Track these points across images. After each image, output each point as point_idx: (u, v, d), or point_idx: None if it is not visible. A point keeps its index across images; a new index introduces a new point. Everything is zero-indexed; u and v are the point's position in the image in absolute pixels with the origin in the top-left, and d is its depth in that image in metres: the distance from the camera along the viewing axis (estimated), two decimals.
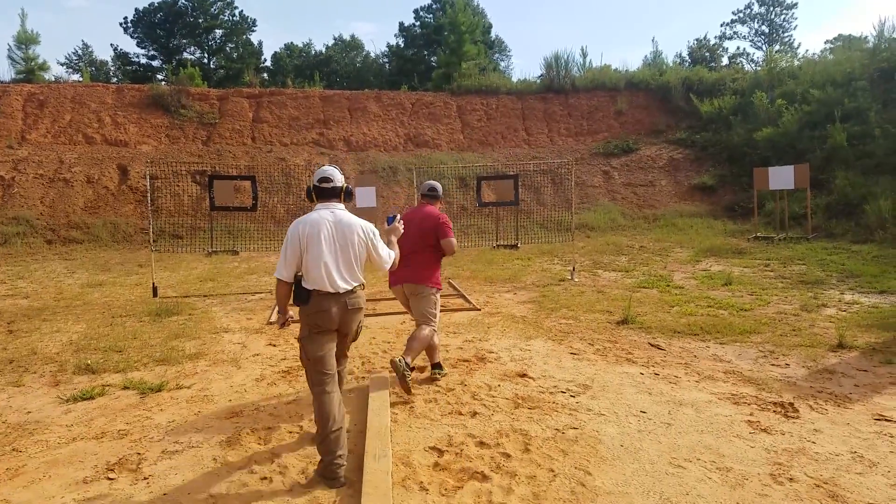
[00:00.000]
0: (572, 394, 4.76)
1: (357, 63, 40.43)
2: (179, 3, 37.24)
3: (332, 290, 3.55)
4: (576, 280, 10.19)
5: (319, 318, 3.58)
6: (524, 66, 71.68)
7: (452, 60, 25.91)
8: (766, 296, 8.44)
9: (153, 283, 9.31)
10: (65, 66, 39.68)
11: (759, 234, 14.85)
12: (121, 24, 38.07)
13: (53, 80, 21.65)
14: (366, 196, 15.28)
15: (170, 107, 21.01)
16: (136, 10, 38.35)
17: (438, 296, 5.14)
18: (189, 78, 24.93)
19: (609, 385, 4.95)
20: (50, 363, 5.81)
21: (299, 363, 4.92)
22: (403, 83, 26.89)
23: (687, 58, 34.08)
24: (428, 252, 5.03)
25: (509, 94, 24.38)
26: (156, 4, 37.18)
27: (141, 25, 37.34)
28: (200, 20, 37.43)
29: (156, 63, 37.68)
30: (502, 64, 38.23)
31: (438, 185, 5.38)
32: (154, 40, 37.79)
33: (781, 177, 14.06)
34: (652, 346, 6.32)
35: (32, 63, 21.53)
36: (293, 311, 3.75)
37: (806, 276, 9.73)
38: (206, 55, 38.78)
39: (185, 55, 37.50)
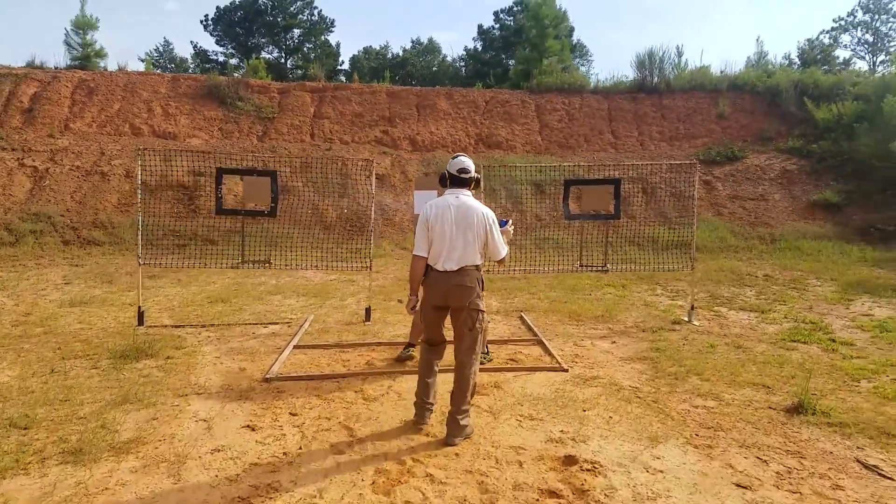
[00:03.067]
0: None
1: (433, 67, 38.72)
2: (259, 2, 36.64)
3: (441, 269, 4.00)
4: (696, 323, 7.59)
5: (430, 291, 4.10)
6: (607, 73, 68.03)
7: (533, 56, 23.46)
8: None
9: (139, 308, 7.34)
10: (145, 63, 39.77)
11: None
12: (201, 22, 37.86)
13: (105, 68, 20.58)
14: (424, 201, 13.12)
15: (226, 98, 19.56)
16: (217, 8, 38.10)
17: None
18: (253, 70, 23.58)
19: None
20: None
21: (278, 478, 3.57)
22: (478, 85, 24.67)
23: (796, 59, 30.32)
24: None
25: (595, 94, 21.71)
26: (236, 3, 36.71)
27: (221, 24, 37.02)
28: (279, 19, 36.72)
29: (234, 61, 37.14)
30: (582, 69, 35.47)
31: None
32: (233, 38, 37.44)
33: None
34: (866, 467, 3.80)
35: (89, 49, 20.55)
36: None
37: None
38: (282, 54, 38.13)
39: (264, 54, 37.01)
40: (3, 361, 5.69)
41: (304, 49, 38.66)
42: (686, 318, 7.75)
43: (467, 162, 4.20)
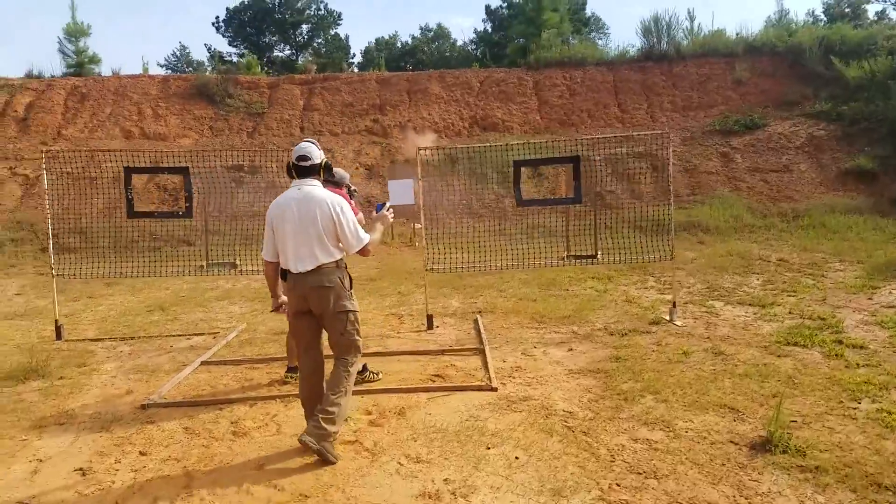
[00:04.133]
0: None
1: (446, 53, 37.57)
2: (267, 1, 36.15)
3: (295, 270, 3.62)
4: (677, 323, 6.51)
5: (290, 297, 3.74)
6: (619, 45, 65.25)
7: (530, 31, 22.16)
8: None
9: (56, 322, 6.67)
10: (164, 68, 39.63)
11: None
12: (213, 24, 37.56)
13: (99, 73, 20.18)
14: (401, 191, 12.20)
15: (215, 97, 18.93)
16: (227, 9, 37.66)
17: None
18: (246, 66, 22.95)
19: None
20: None
21: None
22: (475, 65, 23.49)
23: (822, 16, 28.11)
24: None
25: (598, 66, 20.31)
26: (245, 3, 36.25)
27: (232, 24, 36.62)
28: (287, 16, 36.16)
29: (245, 61, 36.72)
30: (599, 42, 33.72)
31: (343, 172, 5.05)
32: (244, 38, 36.97)
33: None
34: None
35: (82, 56, 20.18)
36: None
37: None
38: (293, 51, 37.61)
39: (276, 52, 36.60)
40: None
41: (315, 44, 38.13)
42: (667, 318, 6.67)
43: (308, 148, 3.75)
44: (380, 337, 6.45)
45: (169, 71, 36.69)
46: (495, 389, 4.78)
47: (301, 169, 3.71)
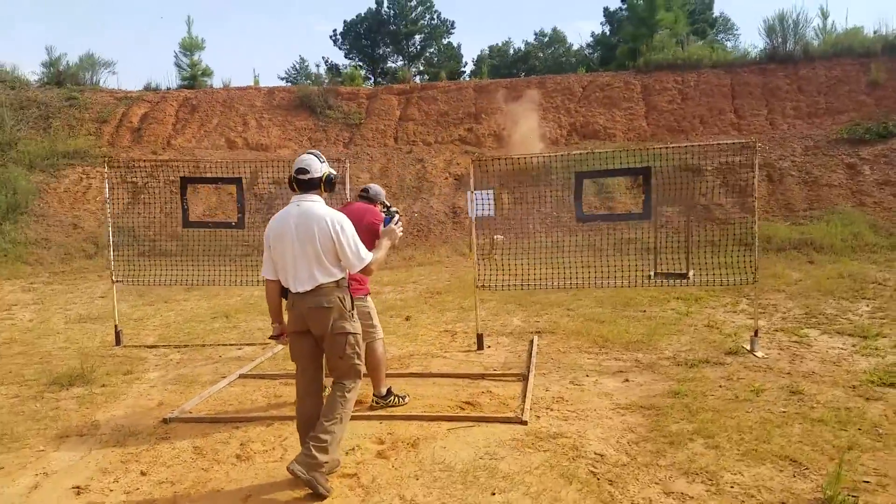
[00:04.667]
0: None
1: (561, 58, 36.80)
2: (382, 12, 37.23)
3: (294, 290, 3.46)
4: (758, 355, 5.68)
5: (289, 315, 3.57)
6: (746, 44, 60.81)
7: (641, 32, 21.08)
8: None
9: (116, 327, 6.92)
10: (284, 80, 41.89)
11: None
12: (330, 37, 39.16)
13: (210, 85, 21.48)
14: (481, 202, 11.85)
15: (316, 108, 19.55)
16: (344, 21, 39.21)
17: (369, 301, 4.61)
18: (350, 77, 23.62)
19: None
20: None
21: None
22: (581, 70, 22.69)
23: None
24: None
25: (714, 69, 18.92)
26: (361, 15, 37.58)
27: (348, 37, 38.01)
28: (401, 27, 37.05)
29: (361, 73, 37.98)
30: (728, 45, 31.45)
31: (378, 188, 4.98)
32: (360, 51, 38.25)
33: None
34: None
35: (196, 69, 21.59)
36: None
37: None
38: (405, 62, 38.45)
39: (389, 63, 37.58)
40: None
41: (427, 54, 38.69)
42: (747, 347, 5.84)
43: (307, 160, 3.50)
44: (425, 356, 6.13)
45: (289, 84, 38.69)
46: (525, 423, 4.30)
47: (300, 182, 3.48)
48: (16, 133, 16.41)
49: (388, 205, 4.91)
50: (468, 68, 37.83)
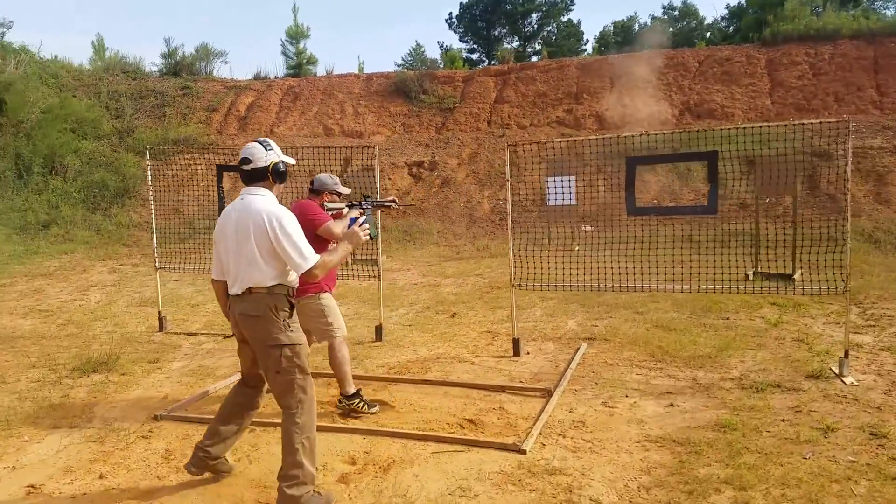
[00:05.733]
0: None
1: (693, 32, 34.16)
2: None
3: (230, 293, 3.15)
4: (846, 381, 4.57)
5: (230, 321, 3.29)
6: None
7: (769, 0, 18.85)
8: None
9: (159, 313, 6.97)
10: (400, 67, 42.25)
11: None
12: (446, 21, 38.91)
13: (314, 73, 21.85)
14: (560, 190, 11.00)
15: (411, 93, 19.31)
16: (461, 4, 38.66)
17: (324, 299, 4.25)
18: (450, 61, 23.20)
19: None
20: None
21: None
22: (700, 43, 20.73)
23: None
24: None
25: (854, 39, 16.49)
26: None
27: (464, 20, 37.61)
28: (518, 6, 36.09)
29: (475, 56, 37.39)
30: (888, 13, 27.17)
31: (325, 177, 4.51)
32: (475, 33, 37.74)
33: None
34: None
35: (301, 57, 22.02)
36: None
37: None
38: (522, 42, 37.48)
39: (505, 45, 36.76)
40: None
41: (545, 33, 37.35)
42: (835, 370, 4.74)
43: (250, 148, 3.15)
44: (450, 361, 5.56)
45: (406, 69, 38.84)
46: (523, 452, 3.65)
47: (244, 174, 3.14)
48: (134, 121, 17.54)
49: (367, 195, 4.39)
50: (589, 46, 36.01)
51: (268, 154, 3.13)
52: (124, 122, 17.55)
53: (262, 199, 3.10)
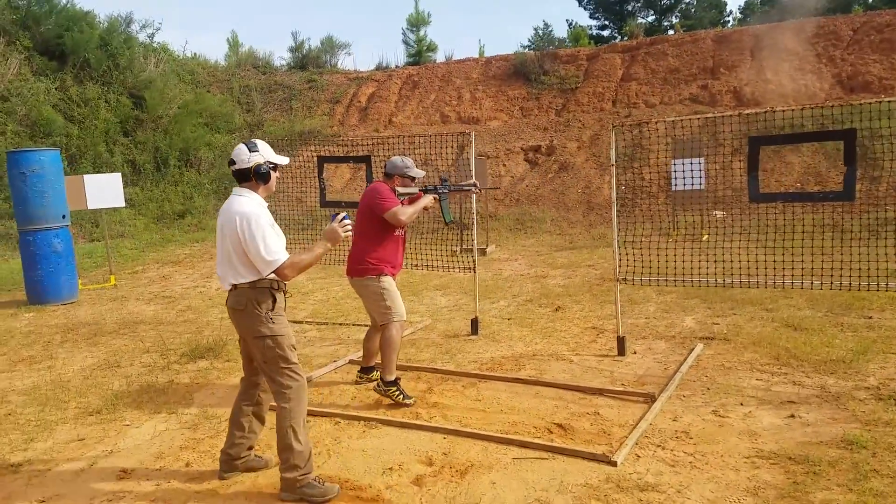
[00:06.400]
0: None
1: None
2: None
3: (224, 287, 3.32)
4: None
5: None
6: None
7: None
8: None
9: None
10: (526, 48, 41.13)
11: None
12: None
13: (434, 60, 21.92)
14: (686, 173, 10.16)
15: (530, 75, 18.82)
16: None
17: (384, 282, 4.26)
18: (574, 38, 22.37)
19: None
20: None
21: None
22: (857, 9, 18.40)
23: None
24: (365, 236, 4.23)
25: None
26: None
27: None
28: None
29: (605, 33, 35.87)
30: None
31: (396, 160, 4.38)
32: (606, 8, 36.19)
33: None
34: None
35: (421, 44, 22.14)
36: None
37: None
38: (657, 16, 35.45)
39: (639, 20, 34.98)
40: (96, 347, 6.18)
41: (683, 5, 34.94)
42: None
43: (236, 150, 3.27)
44: (547, 358, 5.25)
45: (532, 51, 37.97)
46: (614, 463, 3.33)
47: (233, 174, 3.28)
48: (263, 115, 18.59)
49: (445, 178, 4.25)
50: (731, 18, 33.26)
51: (251, 155, 3.21)
52: (254, 116, 18.65)
53: (241, 201, 3.19)
